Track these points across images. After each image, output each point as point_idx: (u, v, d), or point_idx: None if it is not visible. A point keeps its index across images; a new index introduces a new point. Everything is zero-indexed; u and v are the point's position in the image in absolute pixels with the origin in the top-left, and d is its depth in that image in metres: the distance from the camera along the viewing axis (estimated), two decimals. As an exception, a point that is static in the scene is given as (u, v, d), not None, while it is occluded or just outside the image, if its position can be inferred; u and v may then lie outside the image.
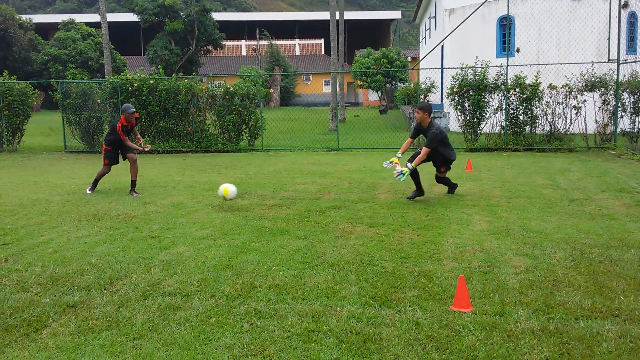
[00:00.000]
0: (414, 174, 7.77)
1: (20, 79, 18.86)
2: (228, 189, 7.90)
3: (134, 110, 9.14)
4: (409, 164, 7.53)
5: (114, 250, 5.58)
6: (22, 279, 4.76)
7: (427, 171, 9.05)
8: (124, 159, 9.35)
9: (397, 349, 3.35)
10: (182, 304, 4.12)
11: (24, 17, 49.56)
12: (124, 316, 3.92)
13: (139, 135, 9.71)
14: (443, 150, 7.82)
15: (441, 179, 8.30)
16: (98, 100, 16.68)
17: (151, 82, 16.21)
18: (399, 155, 7.88)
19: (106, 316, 3.93)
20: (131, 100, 16.00)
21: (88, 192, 9.11)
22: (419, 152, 7.71)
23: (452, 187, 8.43)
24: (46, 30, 55.87)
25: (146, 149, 9.49)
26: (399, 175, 7.45)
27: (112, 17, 50.29)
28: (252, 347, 3.42)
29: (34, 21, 50.24)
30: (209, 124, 16.66)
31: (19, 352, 3.41)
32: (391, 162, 7.76)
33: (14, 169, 13.07)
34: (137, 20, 47.20)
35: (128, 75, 16.63)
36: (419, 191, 7.99)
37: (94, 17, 51.30)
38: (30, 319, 3.91)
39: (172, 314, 3.95)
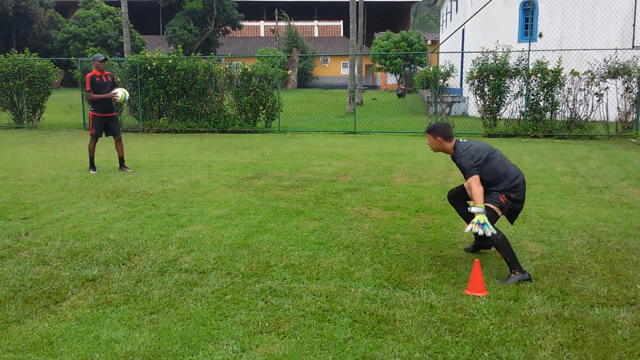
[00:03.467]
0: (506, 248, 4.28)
1: (40, 57, 19.02)
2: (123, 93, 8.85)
3: (104, 57, 8.99)
4: (473, 209, 4.24)
5: (132, 227, 5.66)
6: (42, 252, 4.85)
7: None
8: (107, 135, 9.27)
9: (410, 331, 3.37)
10: (199, 281, 4.17)
11: (44, -6, 49.75)
12: (142, 291, 3.99)
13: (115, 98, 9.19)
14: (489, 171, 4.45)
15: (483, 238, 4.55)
16: (117, 79, 16.76)
17: (170, 61, 16.24)
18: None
19: (124, 290, 4.00)
20: (150, 79, 16.05)
21: (92, 172, 9.00)
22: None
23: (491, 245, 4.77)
24: (66, 8, 56.08)
25: (116, 98, 9.01)
26: (479, 228, 4.10)
27: (132, -4, 50.25)
28: (266, 324, 3.46)
29: (54, -1, 50.44)
30: (227, 105, 16.68)
31: (38, 323, 3.49)
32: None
33: (34, 145, 13.24)
34: (157, -1, 47.16)
35: (147, 54, 16.68)
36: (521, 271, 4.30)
37: (114, -4, 51.36)
38: (50, 291, 3.99)
39: (189, 290, 4.01)
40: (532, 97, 14.57)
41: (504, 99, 14.82)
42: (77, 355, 3.10)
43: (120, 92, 9.03)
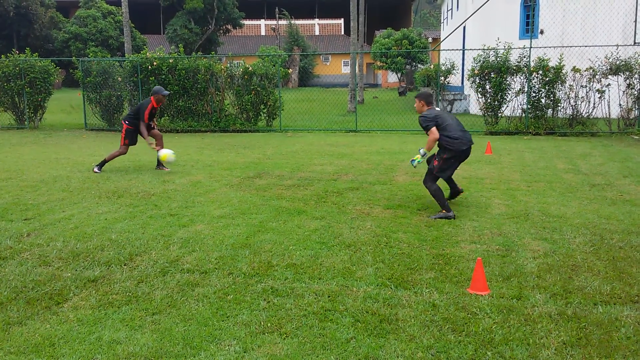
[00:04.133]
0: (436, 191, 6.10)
1: (42, 57, 19.04)
2: (166, 154, 8.74)
3: (168, 92, 9.07)
4: (421, 150, 6.25)
5: (133, 227, 5.65)
6: (44, 253, 4.84)
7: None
8: (133, 144, 9.43)
9: (413, 330, 3.36)
10: (200, 281, 4.17)
11: (45, -5, 49.80)
12: (143, 291, 3.98)
13: (156, 125, 9.55)
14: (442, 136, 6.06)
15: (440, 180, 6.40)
16: (119, 79, 16.77)
17: (170, 61, 16.23)
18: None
19: (126, 291, 3.99)
20: (150, 79, 16.05)
21: (96, 170, 9.00)
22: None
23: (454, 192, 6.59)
24: (67, 8, 56.16)
25: (155, 148, 9.11)
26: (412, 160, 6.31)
27: (132, -4, 50.28)
28: (268, 324, 3.45)
29: (55, -1, 50.50)
30: (228, 104, 16.67)
31: (40, 324, 3.49)
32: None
33: (36, 145, 13.24)
34: (157, -2, 47.18)
35: (148, 53, 16.67)
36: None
37: (115, -5, 51.39)
38: (52, 292, 3.99)
39: (191, 290, 4.00)
40: (534, 95, 14.54)
41: (505, 97, 14.79)
42: (79, 357, 3.10)
43: (164, 153, 8.93)
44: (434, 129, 5.94)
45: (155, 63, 16.10)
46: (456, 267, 4.41)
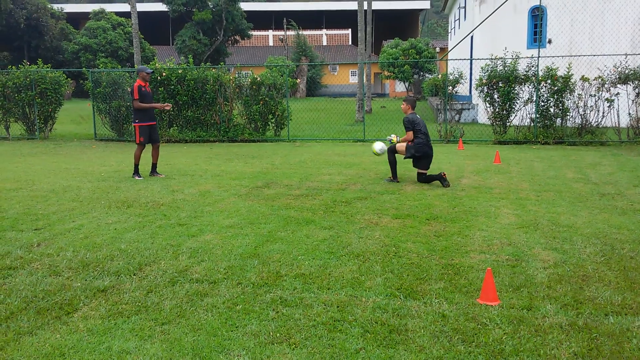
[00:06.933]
0: (392, 162, 8.87)
1: (52, 68, 19.23)
2: (374, 147, 9.41)
3: (152, 70, 9.40)
4: (397, 137, 9.01)
5: (142, 237, 5.67)
6: (54, 263, 4.87)
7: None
8: (149, 142, 9.65)
9: (422, 341, 3.34)
10: (210, 291, 4.17)
11: (55, 6, 50.33)
12: (153, 301, 3.99)
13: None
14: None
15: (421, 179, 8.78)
16: (128, 89, 16.89)
17: (179, 71, 16.35)
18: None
19: (135, 301, 4.00)
20: (160, 89, 16.17)
21: (136, 177, 9.44)
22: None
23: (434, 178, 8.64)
24: (77, 19, 56.71)
25: (167, 107, 9.70)
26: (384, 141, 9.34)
27: (142, 7, 50.83)
28: (277, 334, 3.45)
29: (65, 10, 51.04)
30: (236, 114, 16.75)
31: (50, 334, 3.50)
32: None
33: (46, 155, 13.34)
34: (166, 10, 47.51)
35: (157, 64, 16.80)
36: (393, 177, 8.91)
37: (124, 7, 51.82)
38: (62, 302, 4.00)
39: (200, 300, 4.00)
40: (542, 104, 14.51)
41: (513, 106, 14.77)
42: (88, 367, 3.10)
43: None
44: (410, 132, 8.57)
45: (164, 74, 16.22)
46: (466, 277, 4.39)
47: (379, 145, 9.36)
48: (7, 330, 3.56)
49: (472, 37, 23.26)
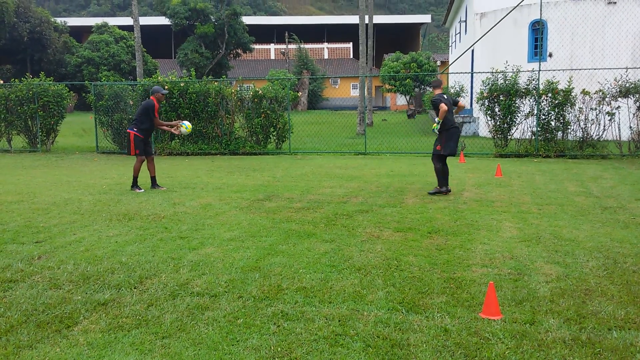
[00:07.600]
0: (444, 170, 8.79)
1: (55, 81, 19.34)
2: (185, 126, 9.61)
3: (168, 91, 9.60)
4: (435, 118, 8.98)
5: (143, 250, 5.66)
6: (54, 276, 4.85)
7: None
8: (143, 154, 9.72)
9: (424, 355, 3.32)
10: (210, 304, 4.15)
11: (58, 20, 50.76)
12: (153, 315, 3.97)
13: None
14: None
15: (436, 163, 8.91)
16: (130, 102, 16.96)
17: (182, 84, 16.41)
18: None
19: (136, 314, 3.98)
20: (162, 102, 16.20)
21: (136, 190, 9.48)
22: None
23: (440, 183, 8.88)
24: (80, 33, 57.10)
25: (176, 132, 9.94)
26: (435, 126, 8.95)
27: (144, 21, 51.14)
28: (279, 349, 3.42)
29: (68, 24, 51.44)
30: (238, 127, 16.79)
31: (50, 348, 3.48)
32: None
33: (48, 168, 13.36)
34: (169, 23, 47.87)
35: (159, 77, 16.88)
36: (441, 187, 8.86)
37: (127, 21, 52.19)
38: (62, 315, 3.98)
39: (200, 314, 3.99)
40: (543, 117, 14.54)
41: (514, 119, 14.80)
42: (88, 381, 3.08)
43: (185, 126, 9.95)
44: (442, 104, 8.52)
45: (166, 87, 16.28)
46: (468, 291, 4.37)
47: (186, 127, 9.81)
48: (7, 343, 3.54)
49: (473, 50, 23.37)
